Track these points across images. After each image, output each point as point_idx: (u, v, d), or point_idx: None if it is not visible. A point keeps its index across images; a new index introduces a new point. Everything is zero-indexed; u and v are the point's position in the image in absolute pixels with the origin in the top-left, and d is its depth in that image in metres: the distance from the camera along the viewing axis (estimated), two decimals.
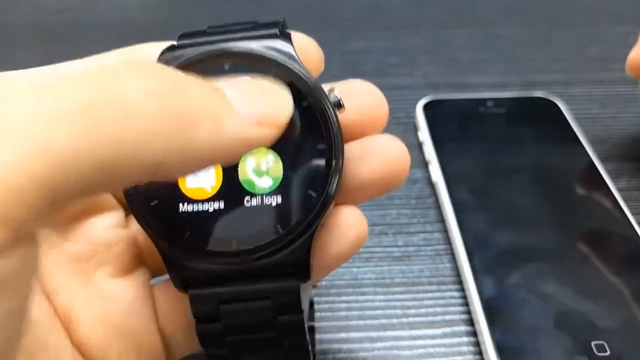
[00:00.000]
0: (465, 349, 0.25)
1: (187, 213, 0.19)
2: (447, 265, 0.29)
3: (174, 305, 0.20)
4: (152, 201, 0.19)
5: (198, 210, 0.19)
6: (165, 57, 0.19)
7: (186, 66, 0.19)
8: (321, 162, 0.19)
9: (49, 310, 0.18)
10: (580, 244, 0.28)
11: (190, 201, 0.19)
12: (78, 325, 0.19)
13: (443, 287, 0.28)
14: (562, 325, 0.24)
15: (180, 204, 0.19)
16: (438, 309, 0.27)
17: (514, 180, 0.32)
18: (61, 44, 0.42)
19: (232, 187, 0.19)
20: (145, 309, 0.20)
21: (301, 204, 0.19)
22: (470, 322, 0.26)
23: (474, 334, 0.26)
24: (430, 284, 0.28)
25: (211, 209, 0.19)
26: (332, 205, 0.19)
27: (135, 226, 0.21)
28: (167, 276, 0.21)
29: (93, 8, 0.47)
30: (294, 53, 0.19)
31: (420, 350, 0.25)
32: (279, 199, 0.19)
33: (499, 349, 0.24)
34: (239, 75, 0.18)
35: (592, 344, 0.24)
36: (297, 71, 0.19)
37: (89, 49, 0.41)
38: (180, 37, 0.20)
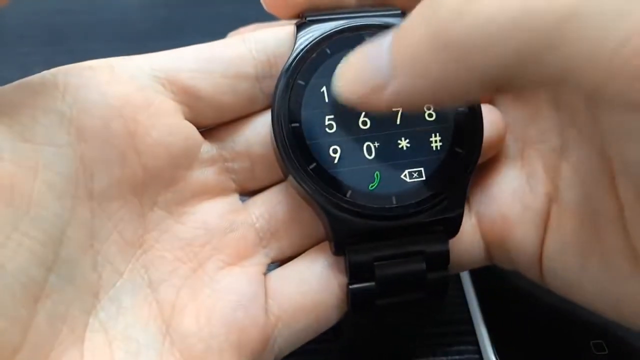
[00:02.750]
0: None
1: (346, 173, 0.19)
2: None
3: (287, 296, 0.20)
4: (310, 164, 0.19)
5: (358, 170, 0.19)
6: (307, 29, 0.19)
7: (330, 36, 0.19)
8: (465, 121, 0.20)
9: (145, 300, 0.18)
10: None
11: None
12: (182, 315, 0.18)
13: None
14: (561, 325, 0.24)
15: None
16: None
17: None
18: (62, 44, 0.42)
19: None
20: (255, 303, 0.19)
21: (451, 160, 0.19)
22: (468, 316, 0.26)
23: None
24: None
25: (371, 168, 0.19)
26: (478, 161, 0.20)
27: (256, 210, 0.20)
28: (285, 265, 0.21)
29: (93, 8, 0.47)
30: None
31: None
32: (432, 156, 0.19)
33: (496, 343, 0.24)
34: None
35: (591, 343, 0.24)
36: None
37: (90, 49, 0.41)
38: (302, 16, 0.20)
